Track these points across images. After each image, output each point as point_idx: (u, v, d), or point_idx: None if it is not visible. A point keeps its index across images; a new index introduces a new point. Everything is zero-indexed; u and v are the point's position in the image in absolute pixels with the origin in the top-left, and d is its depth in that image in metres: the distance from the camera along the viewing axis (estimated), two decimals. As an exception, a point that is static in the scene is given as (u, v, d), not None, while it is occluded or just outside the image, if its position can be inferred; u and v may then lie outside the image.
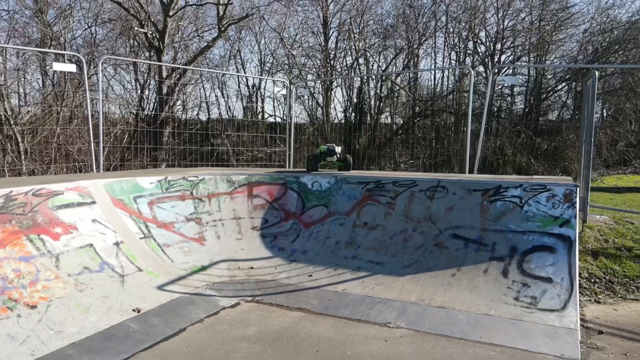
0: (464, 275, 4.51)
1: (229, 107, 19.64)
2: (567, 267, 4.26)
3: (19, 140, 11.99)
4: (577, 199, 4.75)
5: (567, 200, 4.73)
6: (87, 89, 7.12)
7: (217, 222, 5.82)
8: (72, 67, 6.98)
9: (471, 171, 7.95)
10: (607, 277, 4.84)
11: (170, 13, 13.72)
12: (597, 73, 4.85)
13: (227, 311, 4.21)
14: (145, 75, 15.54)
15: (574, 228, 4.53)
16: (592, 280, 4.81)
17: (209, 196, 6.05)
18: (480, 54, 18.82)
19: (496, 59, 18.22)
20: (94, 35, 16.52)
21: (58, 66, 6.94)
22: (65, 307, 3.75)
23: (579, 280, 4.79)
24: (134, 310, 3.98)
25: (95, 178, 5.51)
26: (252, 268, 5.20)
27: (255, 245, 5.63)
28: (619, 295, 4.56)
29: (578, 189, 4.82)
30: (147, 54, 17.33)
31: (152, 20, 14.24)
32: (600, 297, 4.55)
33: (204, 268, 5.10)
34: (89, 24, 16.35)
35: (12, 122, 12.10)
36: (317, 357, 3.33)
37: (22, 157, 11.93)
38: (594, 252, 5.24)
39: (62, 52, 11.06)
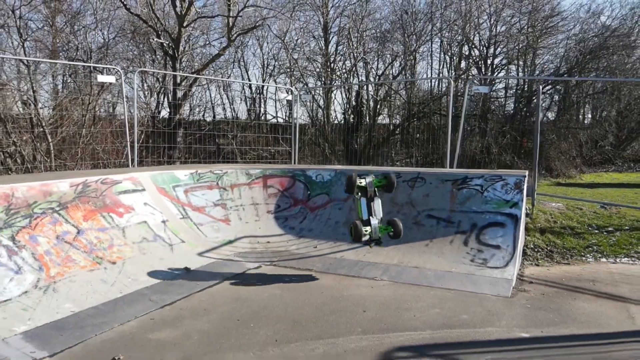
0: (435, 245, 5.81)
1: (233, 108, 20.96)
2: (513, 237, 5.56)
3: (49, 139, 13.34)
4: (525, 187, 6.04)
5: (517, 187, 6.03)
6: (124, 97, 8.42)
7: (239, 207, 7.13)
8: (111, 79, 8.25)
9: (452, 166, 9.22)
10: (548, 248, 6.14)
11: (185, 24, 15.02)
12: (540, 87, 6.10)
13: (252, 271, 5.52)
14: (161, 81, 16.84)
15: (521, 209, 5.82)
16: (536, 250, 6.11)
17: (232, 186, 7.36)
18: (474, 57, 20.08)
19: (489, 62, 19.50)
20: (107, 41, 17.80)
21: (101, 78, 8.19)
22: (135, 264, 5.07)
23: (526, 250, 6.10)
24: (183, 268, 5.29)
25: (139, 171, 6.81)
26: (268, 242, 6.51)
27: (270, 225, 6.94)
28: (555, 261, 5.87)
29: (526, 178, 6.12)
30: (155, 57, 18.59)
31: (168, 30, 15.54)
32: (540, 262, 5.85)
33: (230, 242, 6.41)
34: (101, 30, 17.62)
35: (43, 124, 13.45)
36: (322, 295, 4.64)
37: (52, 155, 13.29)
38: (542, 229, 6.54)
39: (106, 66, 12.36)
